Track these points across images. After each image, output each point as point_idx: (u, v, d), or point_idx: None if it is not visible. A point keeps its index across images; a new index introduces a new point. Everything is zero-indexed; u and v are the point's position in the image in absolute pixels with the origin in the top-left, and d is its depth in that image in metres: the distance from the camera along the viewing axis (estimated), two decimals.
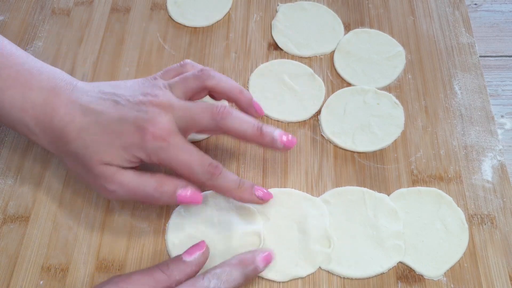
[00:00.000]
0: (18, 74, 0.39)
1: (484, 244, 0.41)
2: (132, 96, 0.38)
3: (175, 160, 0.37)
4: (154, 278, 0.35)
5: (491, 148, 0.46)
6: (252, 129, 0.39)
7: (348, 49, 0.52)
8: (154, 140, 0.36)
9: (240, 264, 0.37)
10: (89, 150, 0.37)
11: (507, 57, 0.54)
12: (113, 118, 0.37)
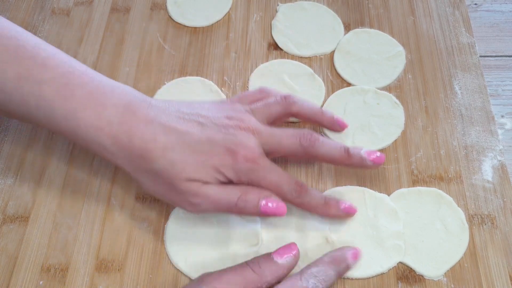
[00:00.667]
0: (92, 94, 0.38)
1: (485, 244, 0.41)
2: (216, 119, 0.39)
3: (264, 180, 0.38)
4: (245, 278, 0.35)
5: (491, 148, 0.46)
6: (340, 153, 0.40)
7: (348, 49, 0.52)
8: (246, 162, 0.37)
9: (333, 262, 0.37)
10: (175, 168, 0.37)
11: (507, 57, 0.54)
12: (201, 139, 0.37)
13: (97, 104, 0.38)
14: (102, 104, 0.38)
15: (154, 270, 0.41)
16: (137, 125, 0.37)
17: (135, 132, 0.37)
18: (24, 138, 0.48)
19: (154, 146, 0.37)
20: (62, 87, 0.38)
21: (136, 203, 0.44)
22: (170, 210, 0.43)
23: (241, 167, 0.37)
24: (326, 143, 0.40)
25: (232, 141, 0.38)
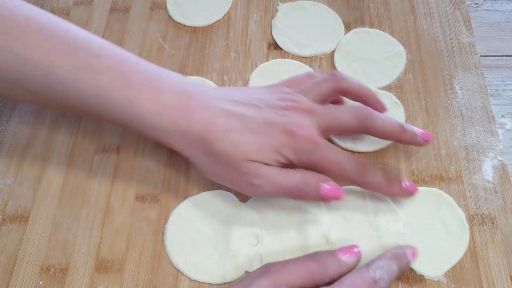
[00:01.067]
0: (148, 80, 0.39)
1: (485, 244, 0.41)
2: (270, 101, 0.40)
3: (326, 160, 0.38)
4: (310, 270, 0.35)
5: (492, 148, 0.46)
6: (395, 127, 0.40)
7: (348, 49, 0.52)
8: (305, 142, 0.38)
9: (396, 257, 0.37)
10: (237, 149, 0.38)
11: (508, 57, 0.54)
12: (258, 120, 0.38)
13: (154, 89, 0.38)
14: (159, 89, 0.39)
15: (154, 270, 0.41)
16: (195, 110, 0.38)
17: (194, 116, 0.38)
18: (23, 138, 0.48)
19: (214, 129, 0.38)
20: (119, 75, 0.38)
21: (136, 203, 0.44)
22: (170, 210, 0.43)
23: (302, 147, 0.38)
24: (382, 117, 0.40)
25: (289, 122, 0.38)
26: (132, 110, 0.38)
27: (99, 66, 0.38)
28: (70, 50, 0.38)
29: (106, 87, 0.38)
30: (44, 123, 0.48)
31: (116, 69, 0.39)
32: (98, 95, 0.38)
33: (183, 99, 0.39)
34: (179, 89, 0.39)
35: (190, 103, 0.39)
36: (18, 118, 0.49)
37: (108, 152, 0.47)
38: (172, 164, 0.46)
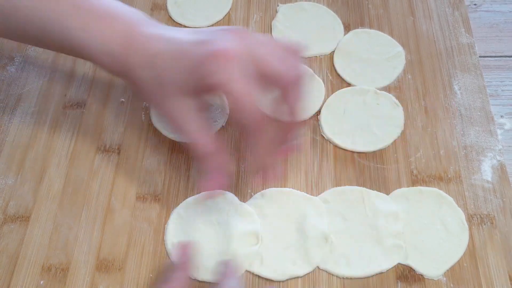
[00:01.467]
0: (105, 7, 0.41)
1: (484, 244, 0.41)
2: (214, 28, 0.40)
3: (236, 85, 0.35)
4: None
5: (490, 148, 0.46)
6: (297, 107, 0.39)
7: (348, 50, 0.53)
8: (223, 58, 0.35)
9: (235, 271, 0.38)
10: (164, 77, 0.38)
11: (506, 58, 0.54)
12: (188, 40, 0.38)
13: (111, 16, 0.40)
14: (115, 16, 0.41)
15: (154, 269, 0.41)
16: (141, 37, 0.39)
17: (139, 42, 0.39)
18: (24, 138, 0.48)
19: (149, 53, 0.39)
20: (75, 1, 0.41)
21: (137, 203, 0.44)
22: (171, 209, 0.44)
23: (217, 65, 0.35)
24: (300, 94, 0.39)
25: (216, 39, 0.37)
26: (88, 35, 0.40)
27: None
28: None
29: (64, 13, 0.40)
30: (45, 123, 0.49)
31: None
32: (56, 21, 0.40)
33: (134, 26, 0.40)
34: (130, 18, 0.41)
35: (138, 30, 0.40)
36: (19, 118, 0.49)
37: (109, 152, 0.47)
38: (172, 164, 0.46)
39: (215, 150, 0.39)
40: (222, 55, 0.35)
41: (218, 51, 0.35)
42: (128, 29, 0.40)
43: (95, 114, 0.49)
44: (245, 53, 0.36)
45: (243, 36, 0.37)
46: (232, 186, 0.45)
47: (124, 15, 0.41)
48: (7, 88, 0.51)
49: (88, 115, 0.49)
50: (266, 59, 0.37)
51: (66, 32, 0.40)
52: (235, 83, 0.35)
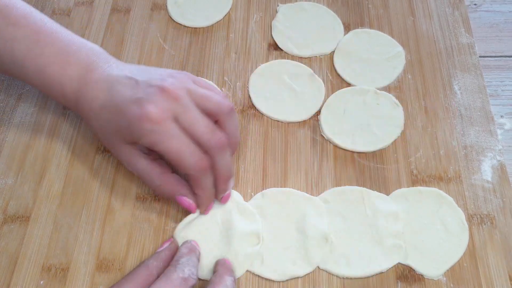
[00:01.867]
0: (59, 51, 0.42)
1: (484, 244, 0.41)
2: (153, 80, 0.39)
3: (166, 145, 0.37)
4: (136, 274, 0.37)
5: (490, 148, 0.46)
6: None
7: (348, 50, 0.53)
8: (148, 122, 0.37)
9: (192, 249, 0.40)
10: (107, 128, 0.40)
11: (506, 57, 0.54)
12: (125, 98, 0.39)
13: (63, 61, 0.41)
14: (67, 62, 0.41)
15: None
16: (90, 82, 0.40)
17: (88, 90, 0.40)
18: (24, 138, 0.48)
19: (96, 104, 0.40)
20: (33, 45, 0.41)
21: (137, 203, 0.44)
22: (171, 210, 0.44)
23: (145, 127, 0.37)
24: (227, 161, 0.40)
25: (146, 100, 0.37)
26: (43, 78, 0.41)
27: (16, 35, 0.41)
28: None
29: (21, 56, 0.41)
30: (45, 123, 0.49)
31: (31, 39, 0.41)
32: (13, 62, 0.42)
33: (86, 71, 0.41)
34: (87, 62, 0.41)
35: (90, 74, 0.41)
36: (19, 119, 0.49)
37: (109, 152, 0.47)
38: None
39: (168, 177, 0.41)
40: (149, 118, 0.37)
41: (144, 114, 0.37)
42: (79, 75, 0.41)
43: None
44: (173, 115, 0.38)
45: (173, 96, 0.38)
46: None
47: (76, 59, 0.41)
48: (7, 88, 0.51)
49: None
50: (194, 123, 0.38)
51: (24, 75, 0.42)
52: (167, 142, 0.37)
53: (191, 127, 0.38)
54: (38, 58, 0.41)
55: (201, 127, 0.38)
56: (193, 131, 0.38)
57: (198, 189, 0.40)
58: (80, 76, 0.41)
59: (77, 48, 0.42)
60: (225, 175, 0.40)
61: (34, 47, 0.41)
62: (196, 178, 0.39)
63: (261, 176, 0.45)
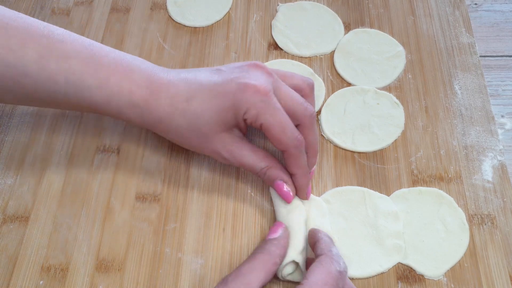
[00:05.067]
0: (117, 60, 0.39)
1: (485, 244, 0.41)
2: (235, 64, 0.40)
3: (272, 117, 0.37)
4: (261, 261, 0.35)
5: (491, 148, 0.46)
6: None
7: (348, 49, 0.52)
8: (256, 93, 0.37)
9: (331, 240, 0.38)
10: (200, 119, 0.39)
11: (507, 57, 0.54)
12: (217, 81, 0.39)
13: (125, 70, 0.39)
14: (130, 69, 0.39)
15: (154, 270, 0.41)
16: (162, 86, 0.39)
17: (162, 91, 0.39)
18: (24, 138, 0.48)
19: (179, 99, 0.39)
20: (89, 58, 0.38)
21: (136, 203, 0.44)
22: (170, 210, 0.44)
23: (251, 99, 0.37)
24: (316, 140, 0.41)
25: (244, 76, 0.38)
26: (106, 91, 0.38)
27: (66, 51, 0.38)
28: (31, 39, 0.37)
29: (77, 72, 0.38)
30: (45, 123, 0.49)
31: (84, 54, 0.38)
32: (70, 80, 0.38)
33: (151, 76, 0.40)
34: (145, 67, 0.40)
35: (157, 79, 0.39)
36: (19, 118, 0.49)
37: (108, 152, 0.47)
38: (172, 164, 0.46)
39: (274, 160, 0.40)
40: (256, 90, 0.37)
41: (251, 86, 0.37)
42: (146, 79, 0.39)
43: (95, 114, 0.49)
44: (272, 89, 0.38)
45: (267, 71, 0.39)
46: (232, 186, 0.45)
47: (137, 66, 0.40)
48: None
49: (88, 115, 0.49)
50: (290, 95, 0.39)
51: (84, 92, 0.38)
52: (273, 115, 0.37)
53: (285, 100, 0.39)
54: (98, 70, 0.38)
55: (296, 100, 0.39)
56: (289, 104, 0.39)
57: (296, 167, 0.39)
58: (147, 82, 0.39)
59: (130, 58, 0.40)
60: (315, 149, 0.41)
61: (90, 61, 0.38)
62: (295, 154, 0.39)
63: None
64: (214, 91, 0.38)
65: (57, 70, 0.38)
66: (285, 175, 0.40)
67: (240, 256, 0.41)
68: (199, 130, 0.39)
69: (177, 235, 0.42)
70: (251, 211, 0.44)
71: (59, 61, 0.37)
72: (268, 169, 0.40)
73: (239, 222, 0.43)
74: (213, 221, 0.43)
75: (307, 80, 0.42)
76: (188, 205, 0.44)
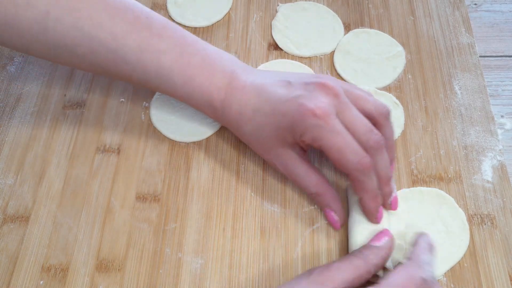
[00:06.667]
0: (204, 61, 0.42)
1: (484, 244, 0.41)
2: (306, 78, 0.40)
3: (328, 142, 0.37)
4: (353, 264, 0.35)
5: (491, 148, 0.46)
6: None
7: (348, 49, 0.52)
8: (314, 117, 0.37)
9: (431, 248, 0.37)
10: (262, 133, 0.40)
11: (507, 57, 0.54)
12: (282, 97, 0.39)
13: (209, 71, 0.42)
14: (213, 71, 0.42)
15: (154, 270, 0.41)
16: (237, 89, 0.41)
17: (235, 96, 0.41)
18: (24, 138, 0.48)
19: (248, 109, 0.40)
20: (179, 56, 0.41)
21: (136, 203, 0.44)
22: (170, 210, 0.44)
23: (307, 122, 0.37)
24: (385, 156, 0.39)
25: (306, 96, 0.38)
26: (189, 89, 0.42)
27: (161, 47, 0.41)
28: (133, 30, 0.41)
29: (167, 68, 0.41)
30: (45, 123, 0.49)
31: (176, 51, 0.41)
32: (160, 74, 0.41)
33: (231, 80, 0.41)
34: (230, 70, 0.42)
35: (235, 82, 0.41)
36: (19, 119, 0.49)
37: (108, 152, 0.47)
38: (172, 164, 0.46)
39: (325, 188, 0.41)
40: (313, 114, 0.37)
41: (309, 109, 0.37)
42: (226, 83, 0.41)
43: (95, 114, 0.49)
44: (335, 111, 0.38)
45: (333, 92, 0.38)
46: (232, 186, 0.45)
47: (221, 67, 0.42)
48: (7, 88, 0.51)
49: (88, 115, 0.49)
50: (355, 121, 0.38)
51: (170, 85, 0.42)
52: (330, 139, 0.37)
53: (351, 124, 0.38)
54: (185, 69, 0.41)
55: (361, 126, 0.38)
56: (353, 129, 0.38)
57: (361, 191, 0.38)
58: (226, 85, 0.41)
59: (217, 57, 0.42)
60: (385, 176, 0.39)
61: (180, 59, 0.41)
62: (358, 178, 0.38)
63: (261, 176, 0.45)
64: (276, 108, 0.39)
65: (151, 63, 0.41)
66: (334, 203, 0.41)
67: (240, 256, 0.41)
68: (260, 141, 0.41)
69: (177, 235, 0.42)
70: (251, 211, 0.44)
71: (154, 56, 0.41)
72: (317, 195, 0.41)
73: (239, 222, 0.43)
74: (213, 221, 0.43)
75: (380, 108, 0.39)
76: (188, 205, 0.44)
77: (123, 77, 0.43)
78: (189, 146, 0.47)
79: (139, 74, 0.42)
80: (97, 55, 0.41)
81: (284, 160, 0.41)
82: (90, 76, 0.51)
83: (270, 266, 0.41)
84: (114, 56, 0.41)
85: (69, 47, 0.41)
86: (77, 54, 0.42)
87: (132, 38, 0.41)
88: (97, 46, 0.41)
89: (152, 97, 0.50)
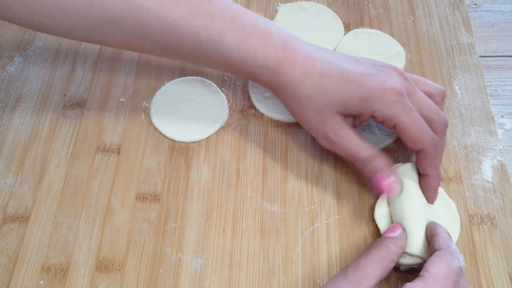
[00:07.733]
0: (257, 23, 0.41)
1: (484, 244, 0.41)
2: (370, 60, 0.42)
3: (408, 117, 0.39)
4: (377, 255, 0.36)
5: (491, 148, 0.46)
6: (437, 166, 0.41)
7: (348, 49, 0.52)
8: (394, 93, 0.39)
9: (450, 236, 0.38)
10: (325, 97, 0.40)
11: (507, 57, 0.54)
12: (355, 71, 0.40)
13: (263, 32, 0.41)
14: (267, 33, 0.41)
15: (154, 269, 0.41)
16: (299, 54, 0.41)
17: (297, 59, 0.40)
18: (24, 138, 0.48)
19: (313, 72, 0.40)
20: (231, 19, 0.41)
21: (136, 203, 0.44)
22: (170, 210, 0.44)
23: (389, 98, 0.39)
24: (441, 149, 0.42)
25: (383, 75, 0.40)
26: (243, 50, 0.41)
27: (212, 11, 0.41)
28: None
29: (220, 30, 0.40)
30: (45, 123, 0.49)
31: (228, 14, 0.41)
32: (211, 38, 0.41)
33: (289, 43, 0.41)
34: (284, 34, 0.42)
35: (294, 47, 0.41)
36: (19, 119, 0.49)
37: (108, 152, 0.47)
38: (172, 164, 0.46)
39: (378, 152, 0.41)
40: (394, 91, 0.39)
41: (389, 85, 0.39)
42: (283, 45, 0.41)
43: (95, 114, 0.49)
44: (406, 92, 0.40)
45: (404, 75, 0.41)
46: (232, 186, 0.45)
47: (276, 31, 0.41)
48: (7, 88, 0.51)
49: (88, 115, 0.49)
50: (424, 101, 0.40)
51: (222, 49, 0.41)
52: (409, 114, 0.39)
53: (418, 105, 0.40)
54: (238, 31, 0.41)
55: (430, 106, 0.40)
56: (424, 110, 0.40)
57: (431, 167, 0.40)
58: (284, 46, 0.41)
59: (270, 23, 0.42)
60: (441, 156, 0.42)
61: (231, 22, 0.41)
62: (431, 154, 0.40)
63: (261, 176, 0.45)
64: (350, 78, 0.40)
65: (201, 27, 0.40)
66: (388, 168, 0.40)
67: (240, 256, 0.42)
68: (317, 106, 0.40)
69: (177, 235, 0.43)
70: (251, 211, 0.44)
71: (204, 19, 0.40)
72: (374, 157, 0.40)
73: (239, 222, 0.43)
74: (213, 221, 0.43)
75: (439, 88, 0.43)
76: (188, 205, 0.44)
77: (171, 47, 0.42)
78: (189, 146, 0.47)
79: (189, 40, 0.41)
80: (145, 26, 0.40)
81: (338, 128, 0.41)
82: (90, 76, 0.52)
83: (270, 266, 0.41)
84: (162, 24, 0.40)
85: (116, 22, 0.40)
86: (124, 27, 0.41)
87: (181, 4, 0.40)
88: (145, 16, 0.40)
89: (152, 97, 0.50)
